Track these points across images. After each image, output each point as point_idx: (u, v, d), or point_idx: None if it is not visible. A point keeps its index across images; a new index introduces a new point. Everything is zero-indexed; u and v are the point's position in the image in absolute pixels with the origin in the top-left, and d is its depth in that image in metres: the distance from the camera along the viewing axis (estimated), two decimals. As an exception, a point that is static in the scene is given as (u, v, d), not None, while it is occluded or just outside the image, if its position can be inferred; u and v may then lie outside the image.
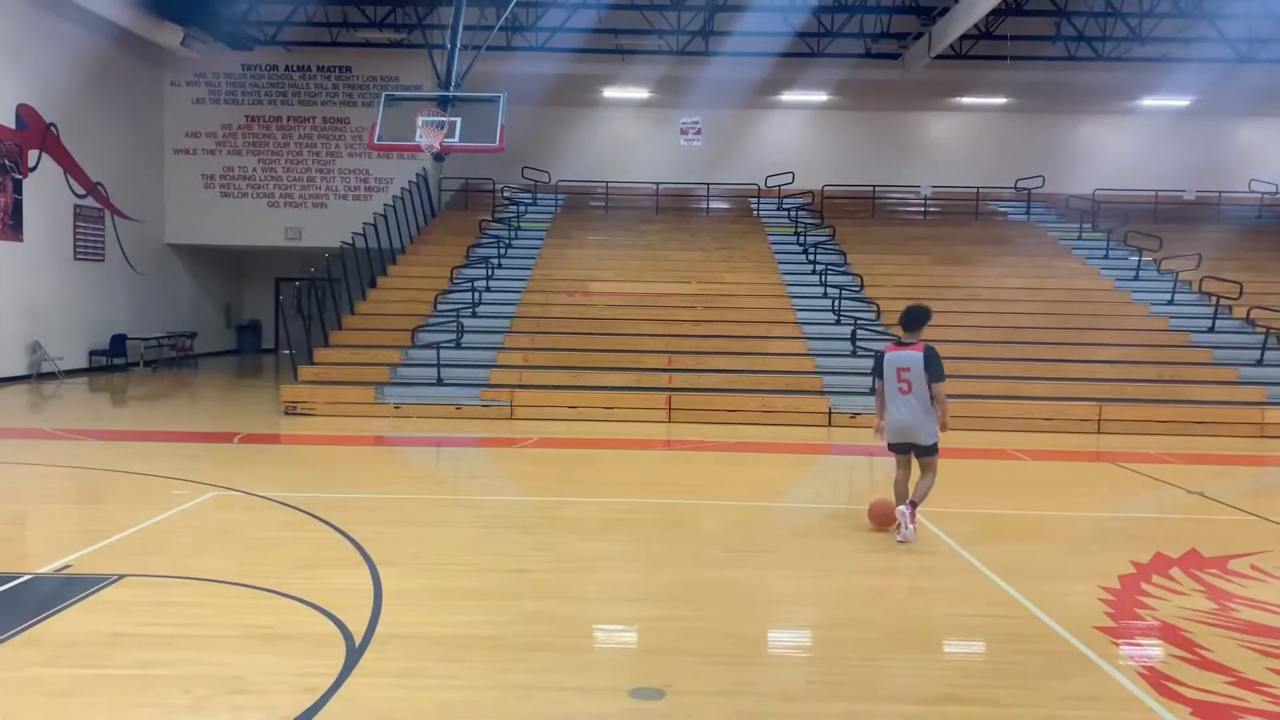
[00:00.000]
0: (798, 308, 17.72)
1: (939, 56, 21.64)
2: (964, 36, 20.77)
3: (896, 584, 6.17)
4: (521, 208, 23.05)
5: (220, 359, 25.19)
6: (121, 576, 5.81)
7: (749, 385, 14.93)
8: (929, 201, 24.81)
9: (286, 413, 14.18)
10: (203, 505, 7.96)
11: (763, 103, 25.21)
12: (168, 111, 23.55)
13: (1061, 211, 23.79)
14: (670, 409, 14.38)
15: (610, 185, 24.34)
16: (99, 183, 20.98)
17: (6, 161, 17.99)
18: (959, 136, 25.93)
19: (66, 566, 6.05)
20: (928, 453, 7.23)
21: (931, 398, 7.07)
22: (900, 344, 7.32)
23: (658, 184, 24.29)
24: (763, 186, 24.52)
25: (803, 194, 24.11)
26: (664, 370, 15.39)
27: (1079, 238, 21.98)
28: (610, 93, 24.97)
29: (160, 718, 3.95)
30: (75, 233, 20.18)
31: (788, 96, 25.07)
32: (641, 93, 24.88)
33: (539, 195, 24.05)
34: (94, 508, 8.16)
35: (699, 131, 24.61)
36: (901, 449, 7.35)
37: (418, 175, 22.68)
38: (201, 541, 6.86)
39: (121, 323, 21.43)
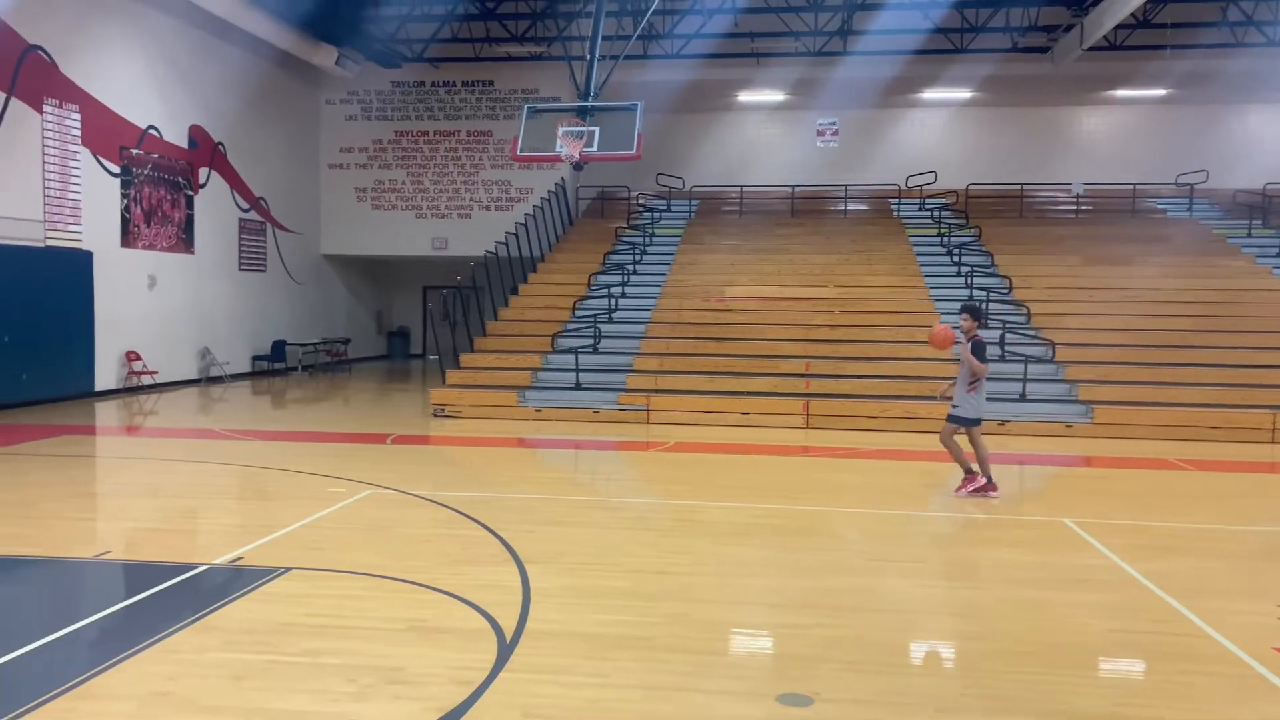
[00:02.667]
0: (942, 311, 17.21)
1: (1092, 48, 20.70)
2: (1119, 26, 19.80)
3: (1054, 597, 5.93)
4: (656, 214, 23.24)
5: (372, 364, 26.33)
6: (289, 569, 6.15)
7: (890, 391, 14.62)
8: (1081, 199, 23.73)
9: (435, 415, 14.71)
10: (360, 503, 8.33)
11: (902, 101, 24.66)
12: (323, 128, 24.82)
13: (1227, 207, 22.35)
14: (808, 415, 14.22)
15: (745, 189, 24.26)
16: (261, 197, 22.28)
17: (180, 179, 19.31)
18: (1113, 131, 24.71)
19: (239, 558, 6.45)
20: None
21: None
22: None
23: (793, 187, 24.07)
24: (903, 187, 23.97)
25: (946, 194, 23.45)
26: (801, 375, 15.23)
27: (1248, 235, 20.60)
28: (745, 96, 24.90)
29: (327, 704, 4.15)
30: (240, 245, 21.49)
31: (928, 94, 24.45)
32: (777, 95, 24.72)
33: (673, 201, 24.18)
34: (261, 504, 8.66)
35: (836, 133, 24.27)
36: None
37: (556, 185, 23.16)
38: (359, 537, 7.19)
39: (281, 329, 22.68)
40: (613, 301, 17.92)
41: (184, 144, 19.40)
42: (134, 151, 17.87)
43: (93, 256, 16.58)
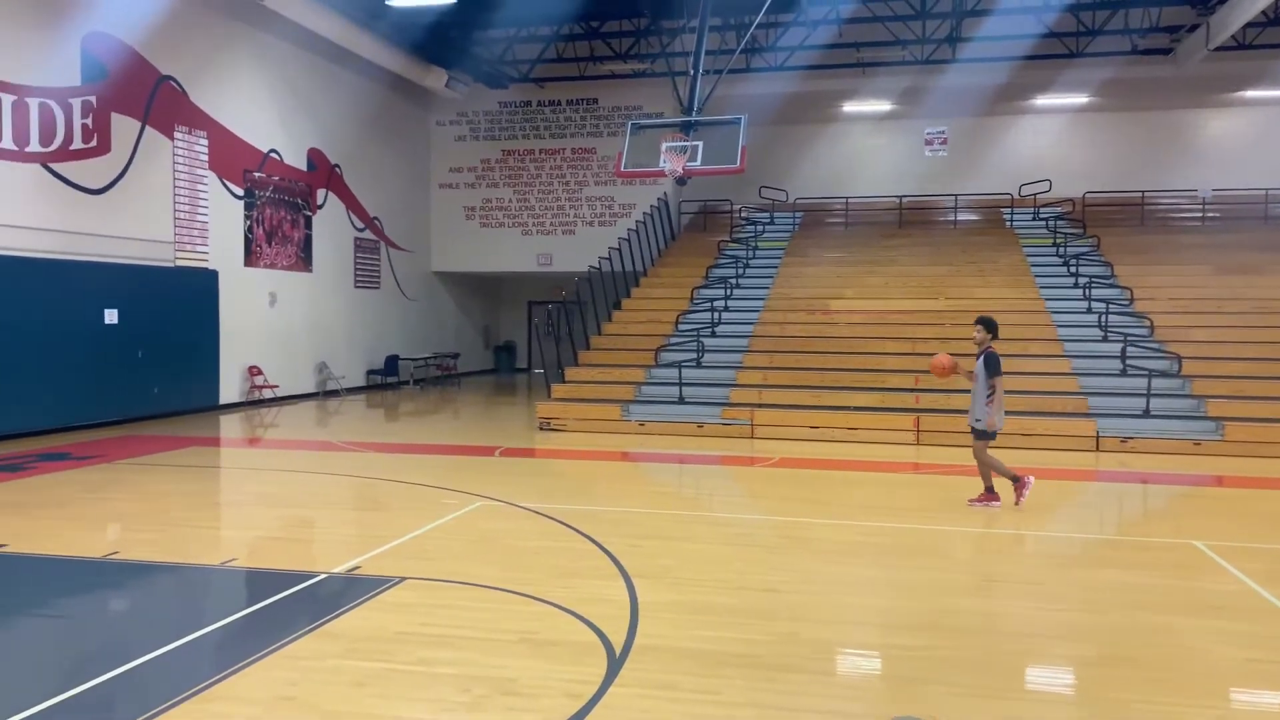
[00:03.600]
0: (1059, 323, 16.65)
1: (1218, 48, 19.77)
2: (1249, 25, 18.87)
3: (1183, 623, 5.64)
4: (759, 227, 23.13)
5: (479, 377, 26.87)
6: (403, 579, 6.31)
7: (1005, 407, 14.13)
8: (1208, 206, 22.65)
9: (541, 428, 14.91)
10: (470, 514, 8.50)
11: (1013, 108, 23.99)
12: (434, 149, 25.54)
13: (1371, 211, 21.02)
14: (919, 430, 13.90)
15: (850, 201, 23.95)
16: (375, 217, 23.03)
17: (299, 200, 20.11)
18: (1242, 134, 23.49)
19: (356, 567, 6.64)
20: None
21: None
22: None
23: (900, 197, 23.64)
24: (1016, 196, 23.28)
25: (1061, 202, 22.69)
26: (910, 390, 14.91)
27: (1396, 240, 19.32)
28: (850, 107, 24.61)
29: (442, 713, 4.23)
30: (355, 263, 22.24)
31: (1042, 100, 23.72)
32: (883, 105, 24.35)
33: (776, 214, 24.03)
34: (376, 514, 8.91)
35: (945, 141, 23.78)
36: None
37: (659, 200, 23.28)
38: (471, 548, 7.32)
39: (394, 344, 23.37)
40: (716, 315, 17.89)
41: (303, 166, 20.21)
42: (256, 174, 18.70)
43: (218, 275, 17.38)
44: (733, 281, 19.46)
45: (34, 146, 13.72)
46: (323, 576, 6.43)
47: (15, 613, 5.80)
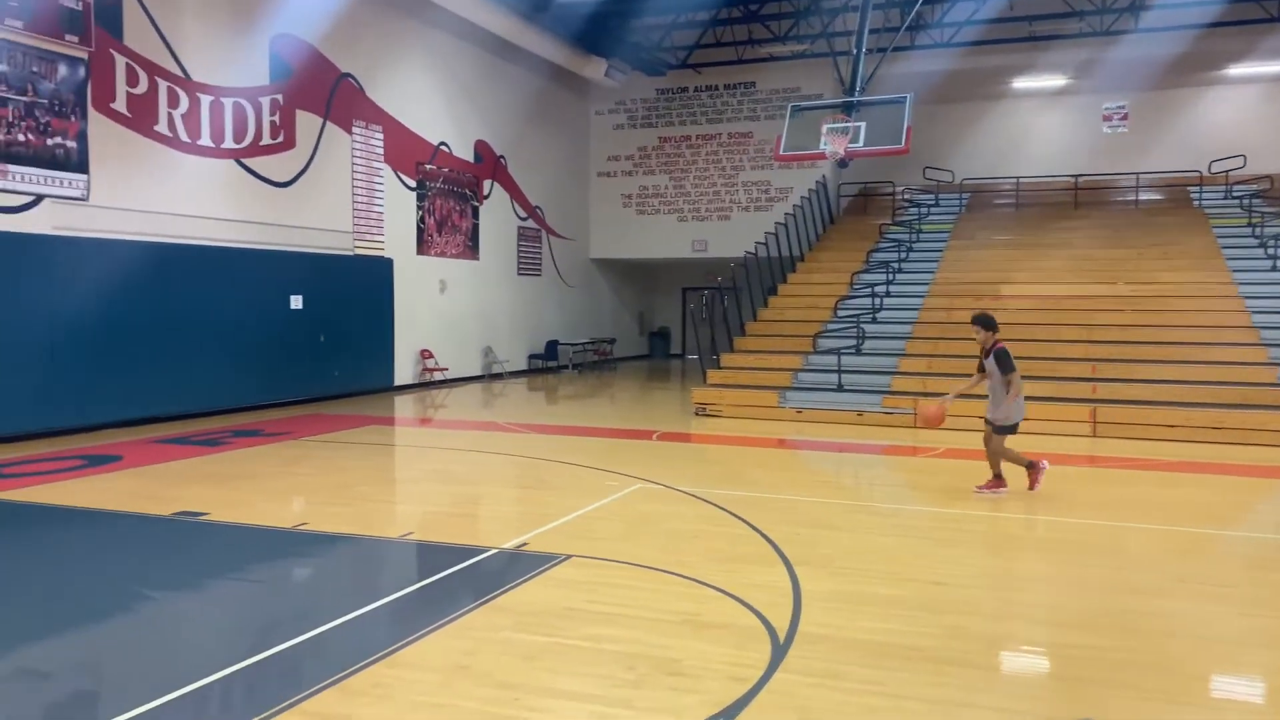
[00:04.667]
0: (1254, 310, 15.45)
1: None
2: None
3: (1403, 638, 5.16)
4: (923, 209, 22.43)
5: (634, 363, 27.23)
6: (569, 556, 6.48)
7: (1192, 398, 13.29)
8: None
9: (696, 413, 14.99)
10: (630, 496, 8.64)
11: (1203, 79, 22.35)
12: (593, 138, 25.96)
13: None
14: (1095, 422, 13.21)
15: (1021, 181, 22.91)
16: (537, 206, 23.63)
17: (467, 191, 20.85)
18: None
19: (524, 544, 6.87)
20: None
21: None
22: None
23: (1076, 177, 22.44)
24: (1205, 173, 21.72)
25: (1257, 179, 21.02)
26: (1087, 380, 14.17)
27: None
28: (1021, 83, 23.51)
29: (610, 689, 4.34)
30: (519, 251, 22.90)
31: (1236, 70, 22.00)
32: (1057, 80, 23.15)
33: (941, 196, 23.24)
34: (541, 493, 9.17)
35: (1125, 117, 22.39)
36: None
37: (817, 183, 22.92)
38: (631, 529, 7.45)
39: (554, 330, 23.97)
40: (877, 301, 17.49)
41: (470, 158, 20.93)
42: (427, 167, 19.49)
43: (393, 263, 18.24)
44: (895, 266, 18.97)
45: (228, 143, 14.74)
46: (493, 552, 6.68)
47: (216, 577, 6.28)
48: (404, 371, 18.72)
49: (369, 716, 4.03)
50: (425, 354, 19.25)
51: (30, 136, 11.75)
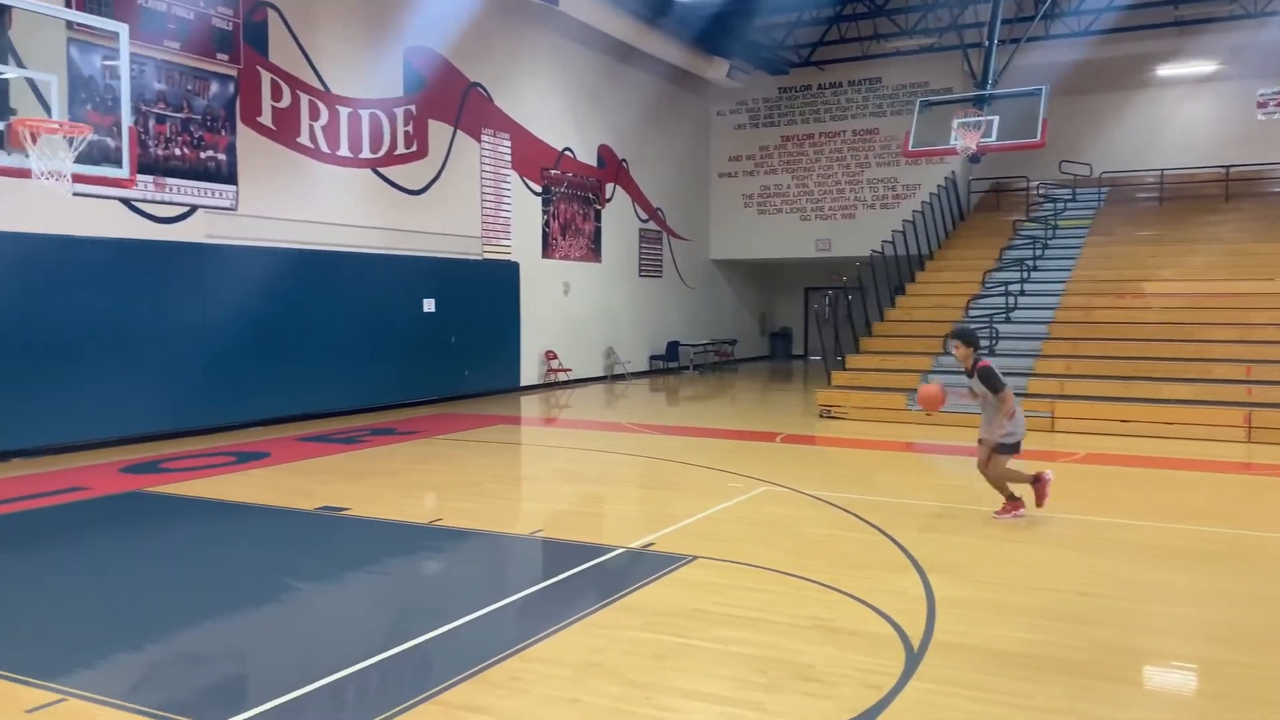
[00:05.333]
0: None
1: None
2: None
3: None
4: (1059, 204, 21.55)
5: (755, 364, 27.06)
6: (695, 558, 6.49)
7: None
8: None
9: (821, 415, 14.79)
10: (755, 499, 8.59)
11: (1373, 59, 20.77)
12: (714, 139, 25.94)
13: None
14: (1250, 427, 12.44)
15: (1166, 173, 21.76)
16: (658, 208, 23.75)
17: (590, 195, 21.12)
18: None
19: (650, 544, 6.91)
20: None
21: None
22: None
23: (1227, 168, 21.17)
24: (1373, 160, 20.18)
25: None
26: (1241, 382, 13.36)
27: None
28: (1165, 70, 22.32)
29: (741, 692, 4.32)
30: (640, 253, 23.06)
31: None
32: (1206, 66, 21.89)
33: (1078, 190, 22.28)
34: (665, 494, 9.21)
35: (1281, 103, 20.96)
36: None
37: (946, 179, 22.29)
38: (758, 532, 7.41)
39: (674, 330, 24.04)
40: (1011, 300, 16.89)
41: (593, 162, 21.20)
42: (552, 172, 19.83)
43: (519, 267, 18.63)
44: (1030, 263, 18.28)
45: (365, 153, 15.33)
46: (620, 551, 6.74)
47: (357, 570, 6.54)
48: (529, 372, 19.09)
49: (506, 709, 4.12)
50: (549, 355, 19.59)
51: (185, 150, 12.48)
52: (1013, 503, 8.02)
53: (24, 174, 7.48)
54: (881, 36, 22.52)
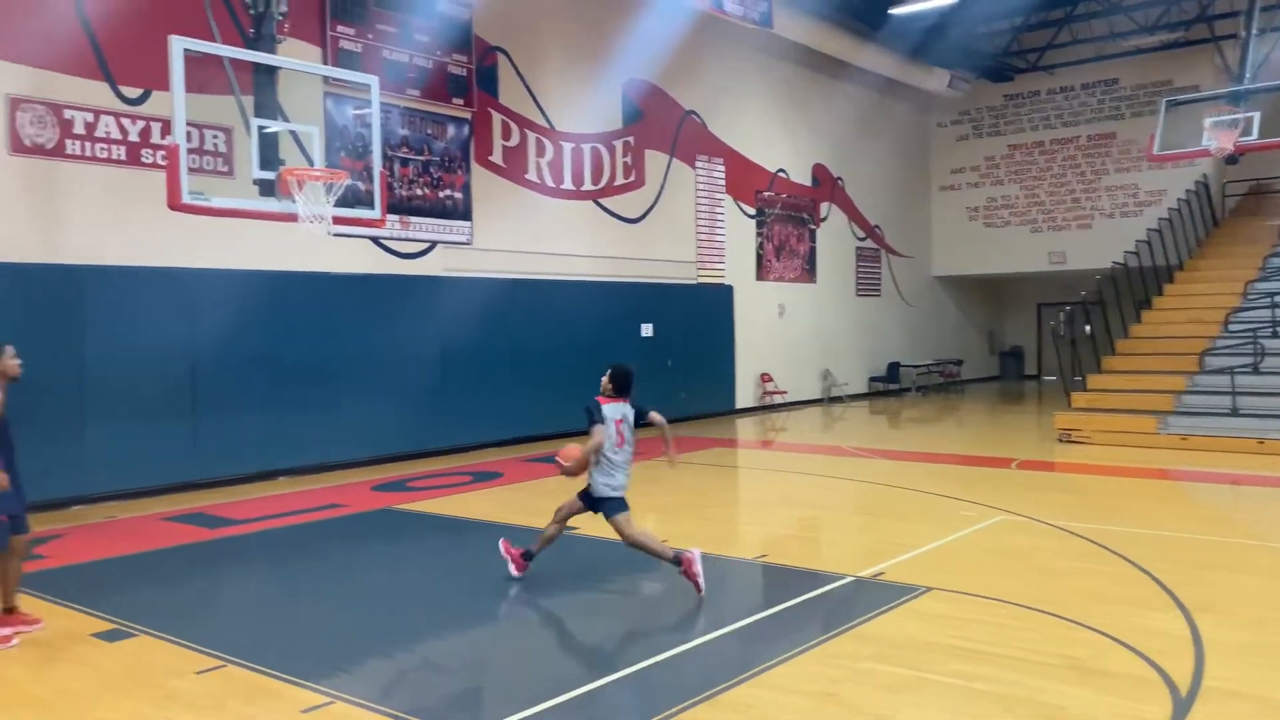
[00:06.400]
0: None
1: None
2: None
3: None
4: (1334, 205, 19.33)
5: (984, 385, 25.81)
6: (929, 589, 6.23)
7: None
8: None
9: (1060, 440, 13.89)
10: (991, 528, 8.16)
11: None
12: (933, 151, 25.10)
13: None
14: None
15: None
16: (876, 225, 23.20)
17: (804, 215, 20.94)
18: None
19: (881, 573, 6.70)
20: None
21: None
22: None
23: None
24: None
25: None
26: None
27: None
28: None
29: (986, 730, 4.09)
30: (857, 271, 22.60)
31: None
32: None
33: (1358, 188, 19.90)
34: (892, 521, 8.91)
35: None
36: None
37: (1196, 183, 20.50)
38: (995, 563, 7.03)
39: (895, 351, 23.33)
40: (1278, 313, 15.27)
41: (807, 182, 21.02)
42: (766, 194, 19.82)
43: (733, 290, 18.70)
44: (1298, 272, 16.48)
45: (587, 185, 15.90)
46: (849, 579, 6.57)
47: (589, 589, 6.71)
48: (745, 395, 19.07)
49: (740, 736, 4.10)
50: (765, 378, 19.49)
51: (425, 190, 13.39)
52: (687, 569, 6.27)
53: (291, 218, 8.25)
54: (1118, 35, 21.07)
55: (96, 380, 9.88)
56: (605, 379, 7.05)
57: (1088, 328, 16.39)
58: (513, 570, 6.78)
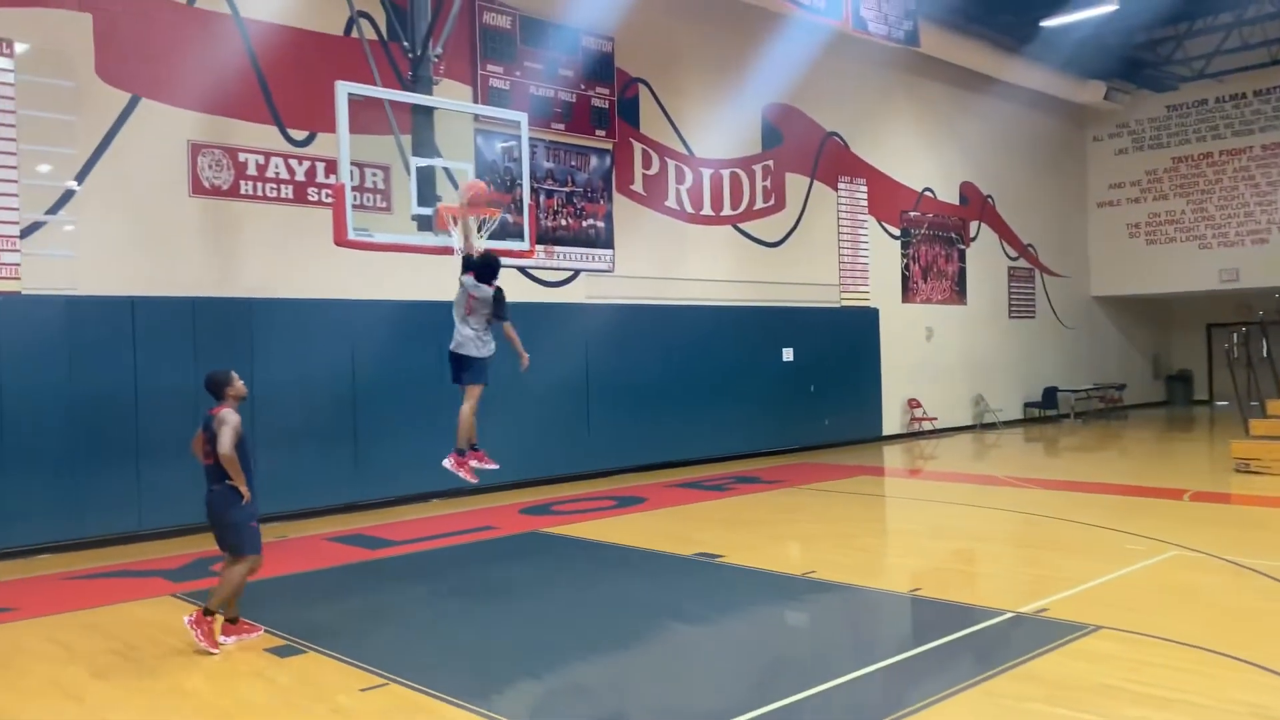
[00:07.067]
0: None
1: None
2: None
3: None
4: None
5: (1149, 411, 24.36)
6: (1098, 627, 5.89)
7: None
8: None
9: (1237, 470, 12.96)
10: (1163, 563, 7.67)
11: None
12: (1090, 166, 24.01)
13: None
14: None
15: None
16: (1029, 244, 22.32)
17: (953, 235, 20.35)
18: None
19: (1044, 609, 6.38)
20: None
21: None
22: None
23: None
24: None
25: None
26: None
27: None
28: None
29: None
30: (1010, 293, 21.77)
31: None
32: None
33: None
34: (1053, 554, 8.48)
35: None
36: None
37: (1390, 191, 18.93)
38: (1169, 601, 6.60)
39: (1051, 375, 22.30)
40: None
41: (955, 201, 20.43)
42: (911, 214, 19.37)
43: (878, 313, 18.31)
44: None
45: (726, 210, 15.91)
46: (1010, 615, 6.29)
47: (734, 617, 6.66)
48: (891, 421, 18.59)
49: (898, 776, 3.96)
50: (913, 403, 18.97)
51: (569, 220, 13.69)
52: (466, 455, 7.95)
53: (447, 251, 8.57)
54: (1295, 36, 19.74)
55: (265, 405, 10.48)
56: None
57: (1265, 349, 15.27)
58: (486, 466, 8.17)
